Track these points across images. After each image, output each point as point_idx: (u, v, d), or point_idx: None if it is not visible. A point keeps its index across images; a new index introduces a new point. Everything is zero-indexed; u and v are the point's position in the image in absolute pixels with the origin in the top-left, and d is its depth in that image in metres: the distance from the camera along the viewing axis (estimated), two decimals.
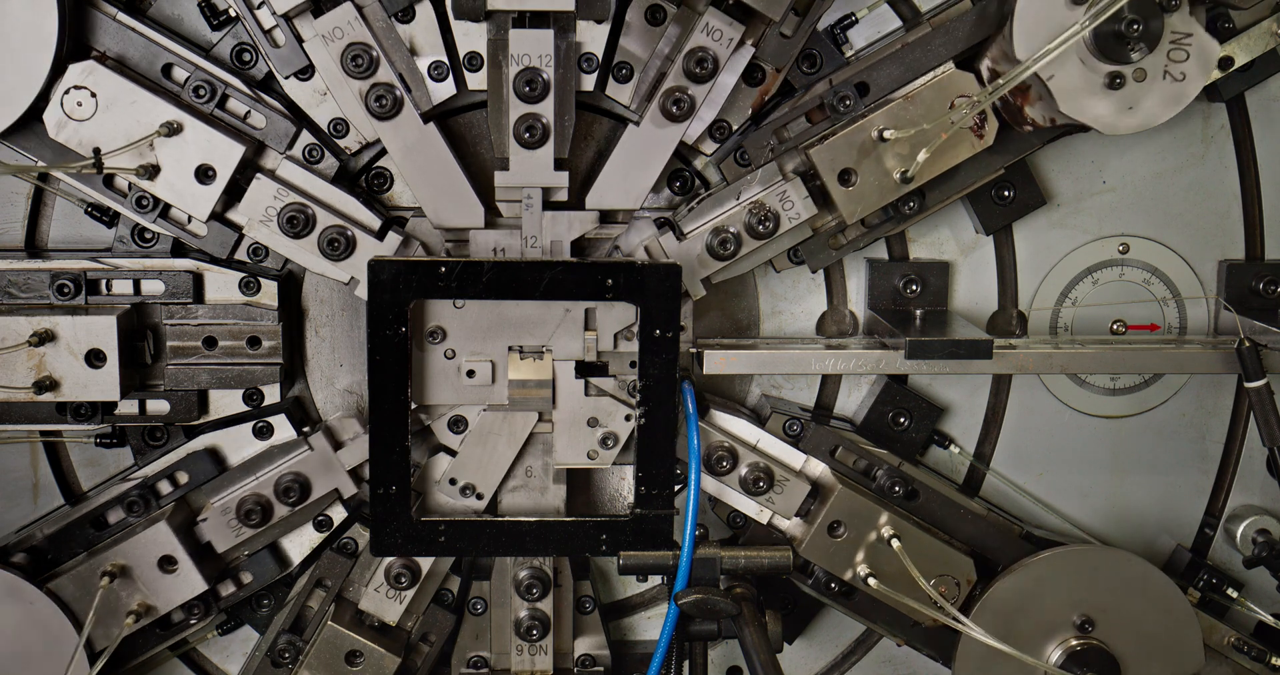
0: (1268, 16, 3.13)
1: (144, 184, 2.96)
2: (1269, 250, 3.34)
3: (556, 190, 2.96)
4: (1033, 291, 3.33)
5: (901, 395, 3.31)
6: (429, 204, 3.00)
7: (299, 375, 3.26)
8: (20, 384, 2.92)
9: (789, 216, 3.06)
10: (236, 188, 2.99)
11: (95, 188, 3.00)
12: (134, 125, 2.92)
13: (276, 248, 3.02)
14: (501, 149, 2.93)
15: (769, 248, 3.11)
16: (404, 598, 3.19)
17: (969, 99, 2.97)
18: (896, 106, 3.01)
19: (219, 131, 2.95)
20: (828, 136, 3.02)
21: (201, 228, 3.05)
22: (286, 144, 3.02)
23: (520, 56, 2.83)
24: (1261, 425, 3.11)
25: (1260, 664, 3.31)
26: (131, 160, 2.92)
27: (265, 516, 3.09)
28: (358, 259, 2.99)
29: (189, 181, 2.95)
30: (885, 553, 3.12)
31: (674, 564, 2.93)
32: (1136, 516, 3.46)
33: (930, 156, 2.97)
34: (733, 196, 3.08)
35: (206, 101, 2.97)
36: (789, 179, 3.06)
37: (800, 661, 3.51)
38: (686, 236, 3.06)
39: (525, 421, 3.05)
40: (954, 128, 2.97)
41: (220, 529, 3.10)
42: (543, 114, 2.87)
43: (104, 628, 3.07)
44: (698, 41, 2.91)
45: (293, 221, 2.97)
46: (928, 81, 3.03)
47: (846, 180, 3.02)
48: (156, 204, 3.01)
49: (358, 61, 2.89)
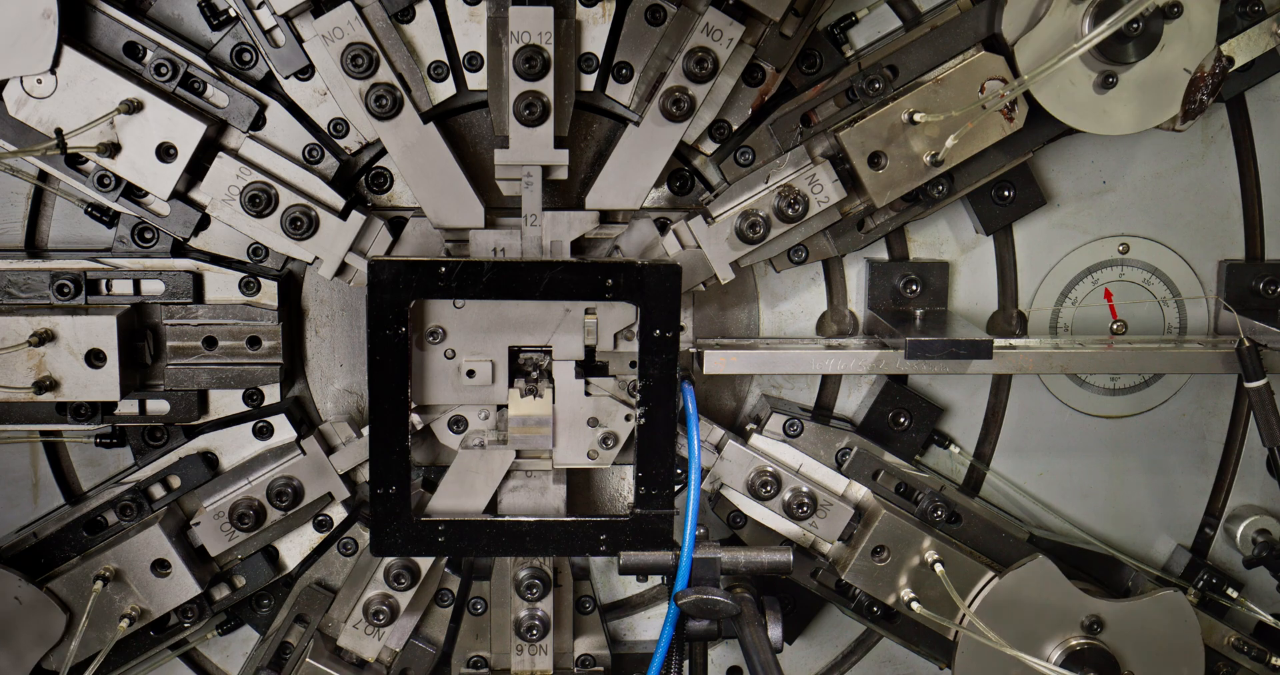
0: (1268, 16, 3.13)
1: (104, 162, 2.94)
2: (1269, 250, 3.34)
3: (556, 168, 2.95)
4: (1033, 291, 3.33)
5: (901, 395, 3.31)
6: (429, 204, 3.00)
7: (299, 375, 3.26)
8: (20, 384, 2.92)
9: (818, 200, 3.05)
10: (199, 167, 2.98)
11: (58, 168, 2.97)
12: (94, 103, 2.90)
13: (239, 227, 3.00)
14: (501, 127, 2.93)
15: (798, 231, 3.10)
16: (382, 634, 3.19)
17: (999, 83, 2.97)
18: (926, 89, 3.01)
19: (180, 110, 2.93)
20: (857, 120, 3.02)
21: (164, 206, 3.03)
22: (249, 123, 3.00)
23: (520, 33, 2.83)
24: (1261, 425, 3.11)
25: (1260, 664, 3.31)
26: (93, 139, 2.91)
27: (258, 520, 3.09)
28: (321, 238, 2.99)
29: (150, 159, 2.94)
30: (928, 576, 3.13)
31: (674, 564, 2.93)
32: (1136, 516, 3.46)
33: (960, 140, 2.97)
34: (761, 180, 3.07)
35: (168, 80, 2.95)
36: (818, 162, 3.05)
37: (800, 661, 3.51)
38: (715, 220, 3.06)
39: (503, 459, 3.06)
40: (984, 114, 2.97)
41: (213, 532, 3.10)
42: (543, 92, 2.87)
43: (97, 631, 3.08)
44: (698, 41, 2.91)
45: (255, 200, 2.96)
46: (957, 64, 3.02)
47: (876, 163, 3.02)
48: (118, 182, 2.99)
49: (358, 61, 2.89)
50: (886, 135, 3.01)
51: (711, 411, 3.34)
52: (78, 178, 2.99)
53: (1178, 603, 3.14)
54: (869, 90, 3.05)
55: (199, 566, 3.12)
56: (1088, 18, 2.94)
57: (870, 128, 3.01)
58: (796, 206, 3.03)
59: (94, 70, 2.89)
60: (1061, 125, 3.06)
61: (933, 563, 3.12)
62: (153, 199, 3.03)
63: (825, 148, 3.08)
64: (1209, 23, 2.98)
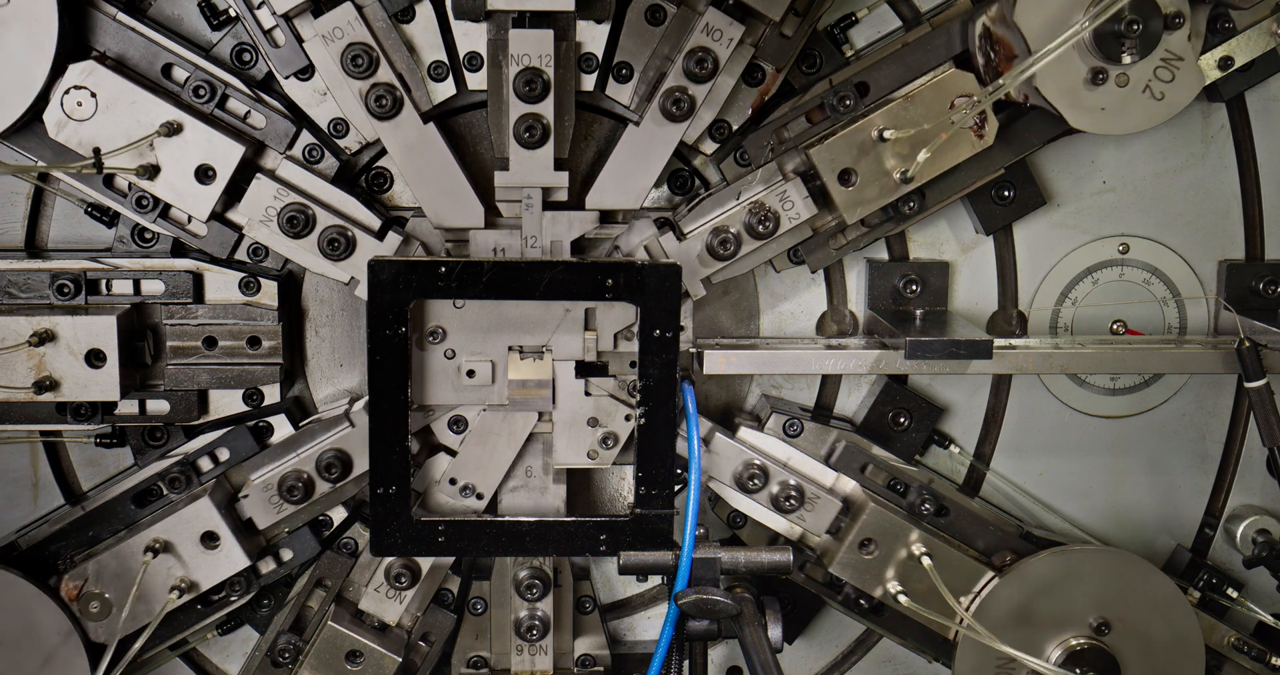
0: (1268, 16, 3.13)
1: (144, 184, 2.96)
2: (1269, 250, 3.34)
3: (556, 190, 2.96)
4: (1033, 291, 3.33)
5: (901, 395, 3.31)
6: (429, 204, 3.00)
7: (299, 375, 3.26)
8: (20, 384, 2.92)
9: (789, 216, 3.06)
10: (236, 188, 2.99)
11: (96, 188, 3.00)
12: (134, 125, 2.92)
13: (277, 248, 3.02)
14: (501, 149, 2.93)
15: (769, 248, 3.11)
16: (404, 598, 3.19)
17: (969, 99, 2.98)
18: (896, 106, 3.01)
19: (219, 131, 2.95)
20: (828, 136, 3.02)
21: (201, 228, 3.05)
22: (286, 144, 3.02)
23: (520, 56, 2.83)
24: (1261, 425, 3.11)
25: (1260, 664, 3.31)
26: (131, 160, 2.93)
27: (307, 493, 3.09)
28: (358, 259, 3.00)
29: (189, 181, 2.95)
30: (915, 570, 3.13)
31: (674, 564, 2.93)
32: (1136, 516, 3.46)
33: (930, 156, 2.97)
34: (733, 196, 3.08)
35: (206, 101, 2.97)
36: (789, 179, 3.06)
37: (800, 661, 3.51)
38: (687, 236, 3.06)
39: (525, 421, 3.05)
40: (954, 128, 2.97)
41: (262, 505, 3.09)
42: (543, 114, 2.87)
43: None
44: (698, 41, 2.91)
45: (293, 221, 2.97)
46: (927, 81, 3.03)
47: (847, 180, 3.02)
48: (156, 204, 3.01)
49: (358, 61, 2.89)
50: (857, 152, 3.01)
51: (712, 411, 3.34)
52: (79, 179, 2.99)
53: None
54: (839, 107, 3.04)
55: (248, 539, 3.12)
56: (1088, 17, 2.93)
57: (840, 145, 3.00)
58: (767, 223, 3.03)
59: (134, 93, 2.90)
60: (1061, 125, 3.06)
61: (920, 556, 3.11)
62: (184, 216, 3.04)
63: (796, 164, 3.08)
64: None
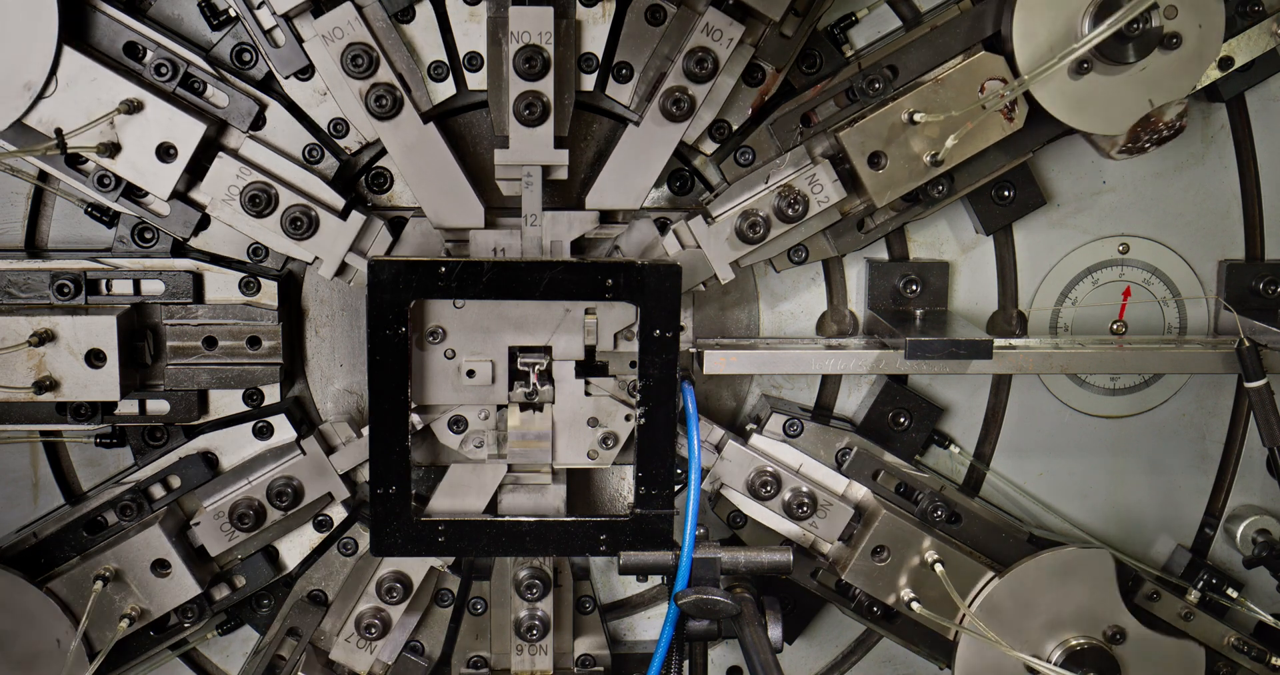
0: (1268, 16, 3.13)
1: (105, 162, 2.94)
2: (1269, 250, 3.34)
3: (556, 168, 2.95)
4: (1033, 291, 3.33)
5: (901, 395, 3.31)
6: (429, 204, 3.00)
7: (299, 375, 3.25)
8: (20, 384, 2.92)
9: (818, 200, 3.05)
10: (199, 167, 2.98)
11: (58, 168, 2.97)
12: (94, 103, 2.90)
13: (239, 227, 2.99)
14: (501, 127, 2.93)
15: (798, 231, 3.10)
16: (374, 647, 3.20)
17: (1000, 85, 2.97)
18: (926, 89, 3.01)
19: (180, 110, 2.93)
20: (857, 119, 3.02)
21: (164, 206, 3.03)
22: (249, 123, 3.00)
23: (520, 33, 2.83)
24: (1261, 425, 3.11)
25: (1260, 664, 3.31)
26: (93, 139, 2.91)
27: (258, 520, 3.09)
28: (321, 238, 2.99)
29: (150, 159, 2.93)
30: (927, 576, 3.13)
31: (674, 564, 2.93)
32: (1136, 516, 3.46)
33: (960, 139, 2.97)
34: (761, 180, 3.07)
35: (168, 79, 2.95)
36: (818, 162, 3.05)
37: (800, 661, 3.51)
38: (715, 220, 3.06)
39: (495, 473, 3.07)
40: (984, 114, 2.97)
41: (213, 532, 3.10)
42: (543, 92, 2.87)
43: (98, 631, 3.07)
44: (698, 41, 2.91)
45: (255, 200, 2.96)
46: (957, 64, 3.02)
47: (876, 163, 3.02)
48: (118, 182, 2.99)
49: (358, 61, 2.89)
50: (886, 135, 3.01)
51: (711, 411, 3.34)
52: (78, 178, 2.99)
53: None
54: (869, 90, 3.05)
55: (199, 566, 3.12)
56: (1087, 18, 2.94)
57: (870, 128, 3.01)
58: (796, 206, 3.03)
59: (94, 70, 2.89)
60: (1061, 125, 3.06)
61: (933, 563, 3.11)
62: (152, 199, 3.03)
63: (825, 148, 3.08)
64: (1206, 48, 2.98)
